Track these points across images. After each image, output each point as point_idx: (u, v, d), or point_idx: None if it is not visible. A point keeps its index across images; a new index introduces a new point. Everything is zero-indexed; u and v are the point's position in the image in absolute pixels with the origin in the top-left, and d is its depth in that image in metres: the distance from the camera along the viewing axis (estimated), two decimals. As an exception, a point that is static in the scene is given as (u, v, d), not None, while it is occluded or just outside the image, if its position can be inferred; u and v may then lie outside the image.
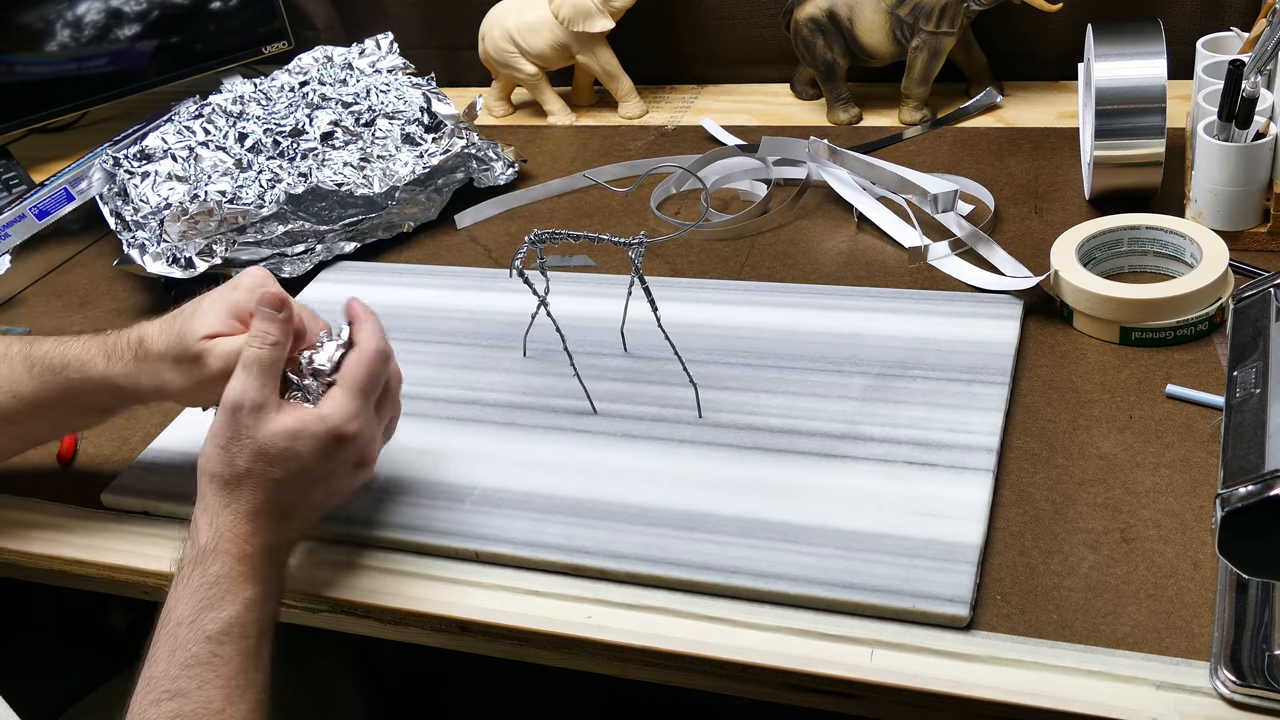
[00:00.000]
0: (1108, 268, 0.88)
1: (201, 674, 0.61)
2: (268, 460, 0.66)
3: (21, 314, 1.10)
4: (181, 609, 0.63)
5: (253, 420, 0.65)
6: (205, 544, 0.65)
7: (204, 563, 0.64)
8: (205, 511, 0.66)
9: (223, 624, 0.63)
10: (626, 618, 0.67)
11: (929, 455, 0.73)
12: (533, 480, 0.76)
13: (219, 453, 0.66)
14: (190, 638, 0.62)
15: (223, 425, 0.66)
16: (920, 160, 1.11)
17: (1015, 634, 0.62)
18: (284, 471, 0.66)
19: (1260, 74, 0.86)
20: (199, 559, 0.64)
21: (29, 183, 1.29)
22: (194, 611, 0.62)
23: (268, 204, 1.03)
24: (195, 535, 0.65)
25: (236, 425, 0.65)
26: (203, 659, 0.61)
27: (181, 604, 0.63)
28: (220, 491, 0.66)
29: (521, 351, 0.89)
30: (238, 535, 0.65)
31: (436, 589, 0.71)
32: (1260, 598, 0.61)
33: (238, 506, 0.66)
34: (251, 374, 0.66)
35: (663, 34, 1.35)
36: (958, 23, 1.12)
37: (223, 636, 0.62)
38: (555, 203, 1.15)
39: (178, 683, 0.60)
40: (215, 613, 0.63)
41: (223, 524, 0.65)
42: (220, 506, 0.66)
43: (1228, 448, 0.56)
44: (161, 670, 0.61)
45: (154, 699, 0.60)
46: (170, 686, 0.60)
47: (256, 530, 0.66)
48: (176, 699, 0.60)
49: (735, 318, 0.90)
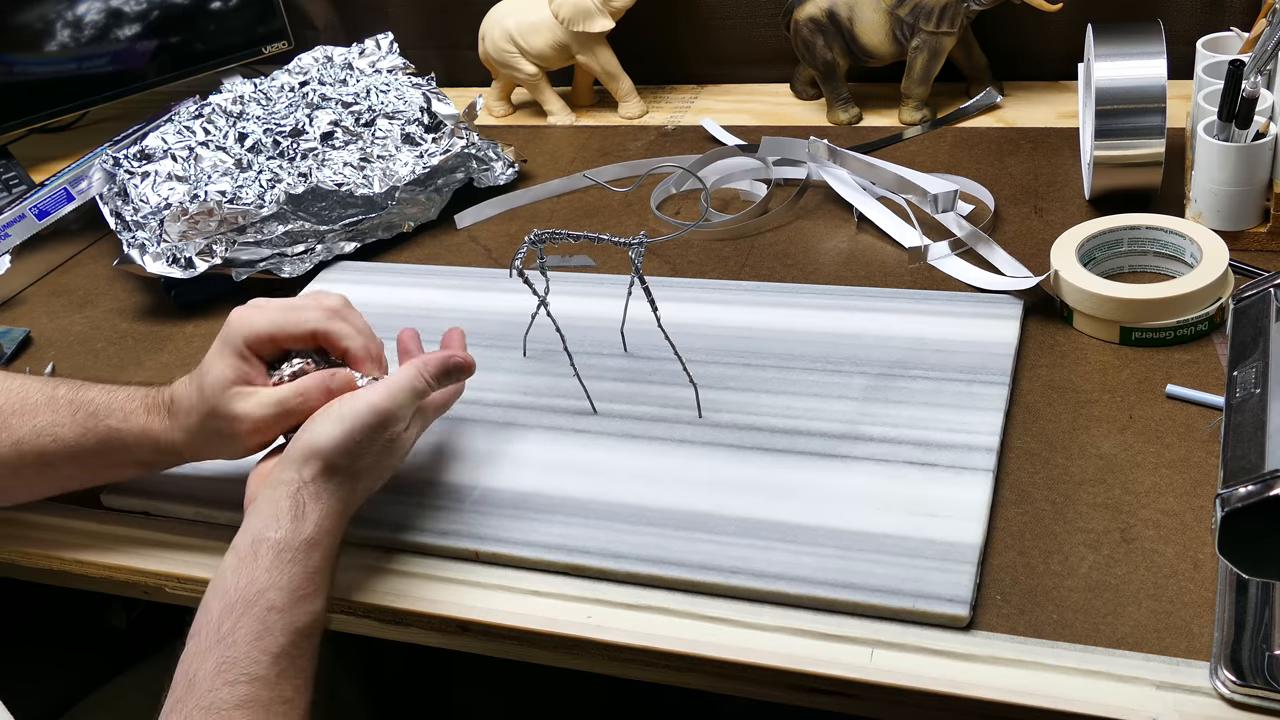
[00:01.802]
0: (1108, 268, 0.88)
1: (283, 665, 0.61)
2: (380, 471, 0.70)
3: (21, 314, 1.10)
4: (276, 595, 0.62)
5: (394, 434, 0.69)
6: (312, 534, 0.64)
7: (309, 552, 0.64)
8: (317, 498, 0.65)
9: (311, 619, 0.63)
10: (626, 618, 0.67)
11: (929, 455, 0.73)
12: (533, 480, 0.76)
13: (350, 443, 0.67)
14: (280, 627, 0.61)
15: (365, 421, 0.67)
16: (920, 160, 1.11)
17: (1015, 634, 0.62)
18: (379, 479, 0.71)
19: (1260, 74, 0.86)
20: (303, 548, 0.64)
21: (29, 183, 1.29)
22: (289, 601, 0.62)
23: (268, 204, 1.03)
24: (300, 519, 0.64)
25: (379, 431, 0.67)
26: (288, 651, 0.61)
27: (276, 589, 0.62)
28: (332, 481, 0.66)
29: (521, 351, 0.89)
30: (335, 529, 0.66)
31: (436, 589, 0.71)
32: (1260, 598, 0.61)
33: (341, 501, 0.67)
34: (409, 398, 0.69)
35: (663, 34, 1.35)
36: (958, 23, 1.12)
37: (308, 630, 0.63)
38: (555, 203, 1.15)
39: (259, 668, 0.60)
40: (308, 606, 0.63)
41: (326, 516, 0.65)
42: (330, 496, 0.66)
43: (1228, 448, 0.56)
44: (243, 653, 0.60)
45: (231, 679, 0.59)
46: (250, 670, 0.59)
47: (342, 527, 0.68)
48: (254, 684, 0.59)
49: (735, 318, 0.90)
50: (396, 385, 0.69)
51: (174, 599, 0.77)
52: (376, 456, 0.69)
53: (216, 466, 0.82)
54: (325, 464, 0.66)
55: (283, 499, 0.65)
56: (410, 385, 0.69)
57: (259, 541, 0.63)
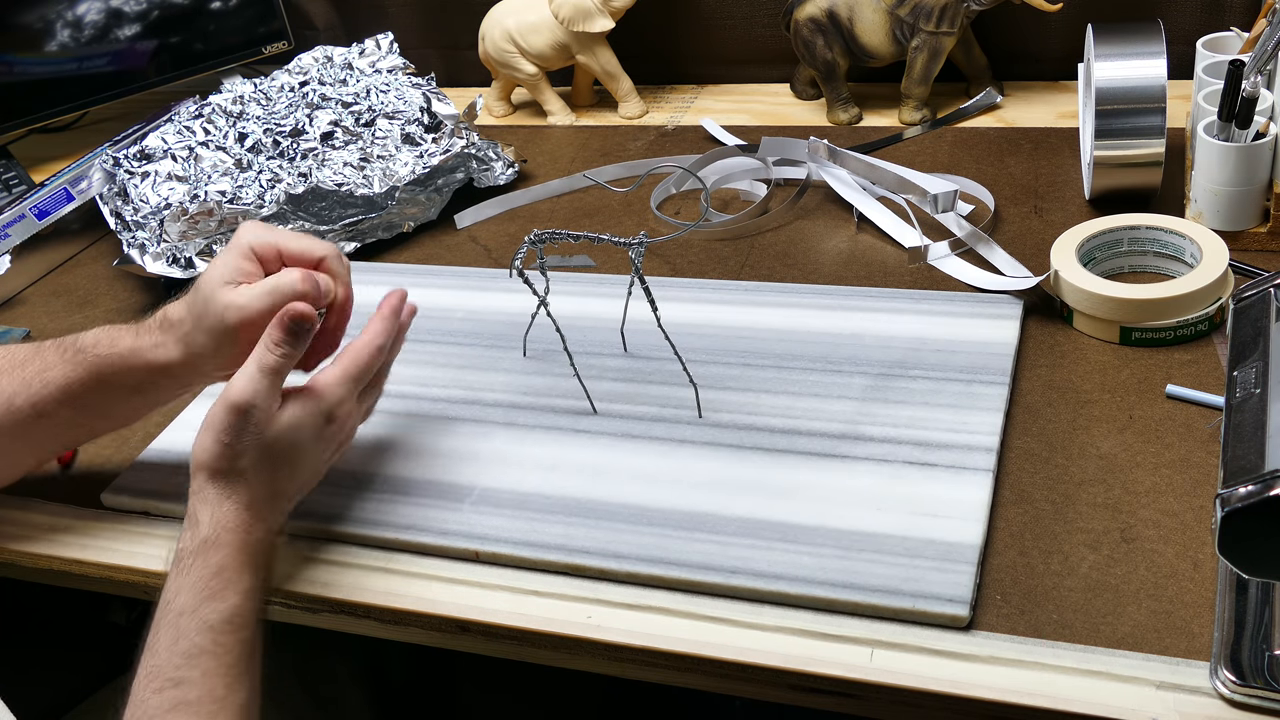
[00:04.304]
0: (1108, 268, 0.88)
1: (204, 663, 0.62)
2: (272, 457, 0.67)
3: (21, 314, 1.10)
4: (183, 599, 0.63)
5: (261, 422, 0.67)
6: (207, 535, 0.65)
7: (206, 553, 0.65)
8: (205, 503, 0.66)
9: (224, 614, 0.63)
10: (626, 618, 0.67)
11: (929, 455, 0.73)
12: (533, 480, 0.76)
13: (220, 448, 0.66)
14: (193, 627, 0.62)
15: (226, 422, 0.66)
16: (920, 160, 1.11)
17: (1015, 634, 0.62)
18: (284, 462, 0.68)
19: (1260, 74, 0.86)
20: (201, 549, 0.65)
21: (29, 183, 1.29)
22: (196, 601, 0.63)
23: (268, 204, 1.03)
24: (195, 526, 0.66)
25: (243, 425, 0.66)
26: (205, 648, 0.62)
27: (183, 594, 0.64)
28: (219, 484, 0.67)
29: (521, 351, 0.89)
30: (239, 526, 0.66)
31: (436, 589, 0.71)
32: (1260, 598, 0.61)
33: (238, 499, 0.67)
34: (264, 378, 0.67)
35: (663, 34, 1.35)
36: (958, 23, 1.12)
37: (225, 626, 0.63)
38: (555, 203, 1.15)
39: (180, 671, 0.61)
40: (217, 603, 0.64)
41: (223, 515, 0.66)
42: (219, 498, 0.66)
43: (1228, 448, 0.56)
44: (164, 659, 0.62)
45: (157, 687, 0.61)
46: (173, 675, 0.61)
47: (255, 520, 0.67)
48: (180, 687, 0.61)
49: (735, 318, 0.90)
50: (245, 370, 0.68)
51: (174, 599, 0.77)
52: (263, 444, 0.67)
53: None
54: (207, 471, 0.67)
55: (187, 512, 0.67)
56: (258, 363, 0.68)
57: (174, 555, 0.66)
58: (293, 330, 0.68)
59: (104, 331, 0.74)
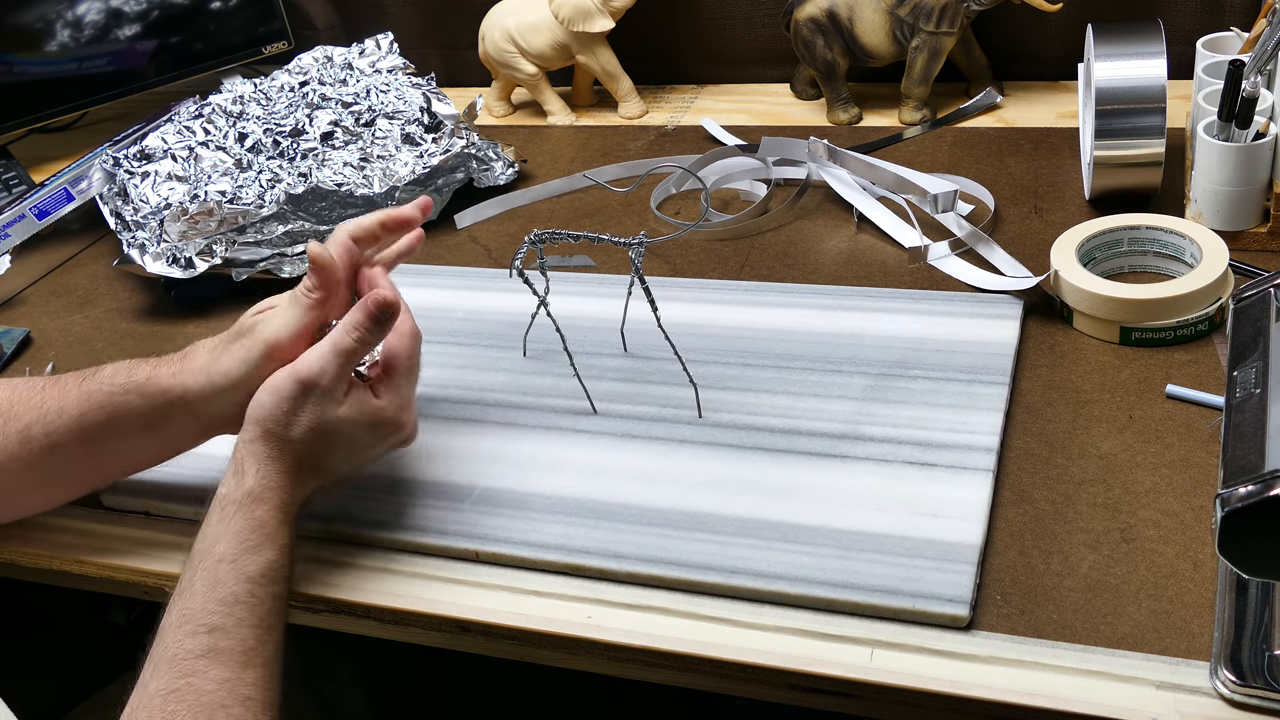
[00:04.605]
0: (1108, 268, 0.88)
1: (239, 612, 0.63)
2: (324, 436, 0.69)
3: (21, 314, 1.10)
4: (223, 547, 0.65)
5: (322, 402, 0.69)
6: (252, 487, 0.67)
7: (250, 505, 0.66)
8: (253, 457, 0.68)
9: (262, 566, 0.65)
10: (626, 618, 0.67)
11: (929, 455, 0.73)
12: (533, 480, 0.76)
13: (280, 414, 0.68)
14: (231, 576, 0.64)
15: (290, 391, 0.68)
16: (920, 160, 1.11)
17: (1015, 634, 0.62)
18: (334, 445, 0.70)
19: (1260, 74, 0.86)
20: (245, 500, 0.66)
21: (29, 183, 1.29)
22: (237, 551, 0.65)
23: (268, 204, 1.03)
24: (240, 476, 0.67)
25: (304, 399, 0.68)
26: (241, 598, 0.63)
27: (223, 542, 0.65)
28: (271, 444, 0.68)
29: (521, 351, 0.89)
30: (281, 485, 0.68)
31: (436, 589, 0.71)
32: (1260, 598, 0.61)
33: (284, 462, 0.68)
34: (336, 359, 0.69)
35: (663, 34, 1.35)
36: (958, 23, 1.12)
37: (261, 578, 0.65)
38: (555, 203, 1.15)
39: (215, 617, 0.62)
40: (256, 555, 0.65)
41: (269, 473, 0.68)
42: (268, 456, 0.68)
43: (1228, 448, 0.56)
44: (199, 604, 0.63)
45: (191, 630, 0.62)
46: (208, 620, 0.62)
47: (296, 484, 0.69)
48: (214, 634, 0.62)
49: (735, 318, 0.90)
50: (319, 348, 0.69)
51: (174, 599, 0.77)
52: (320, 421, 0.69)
53: (216, 466, 0.81)
54: (261, 429, 0.68)
55: (232, 460, 0.69)
56: (333, 343, 0.69)
57: (214, 500, 0.67)
58: (377, 318, 0.69)
59: (124, 363, 0.74)
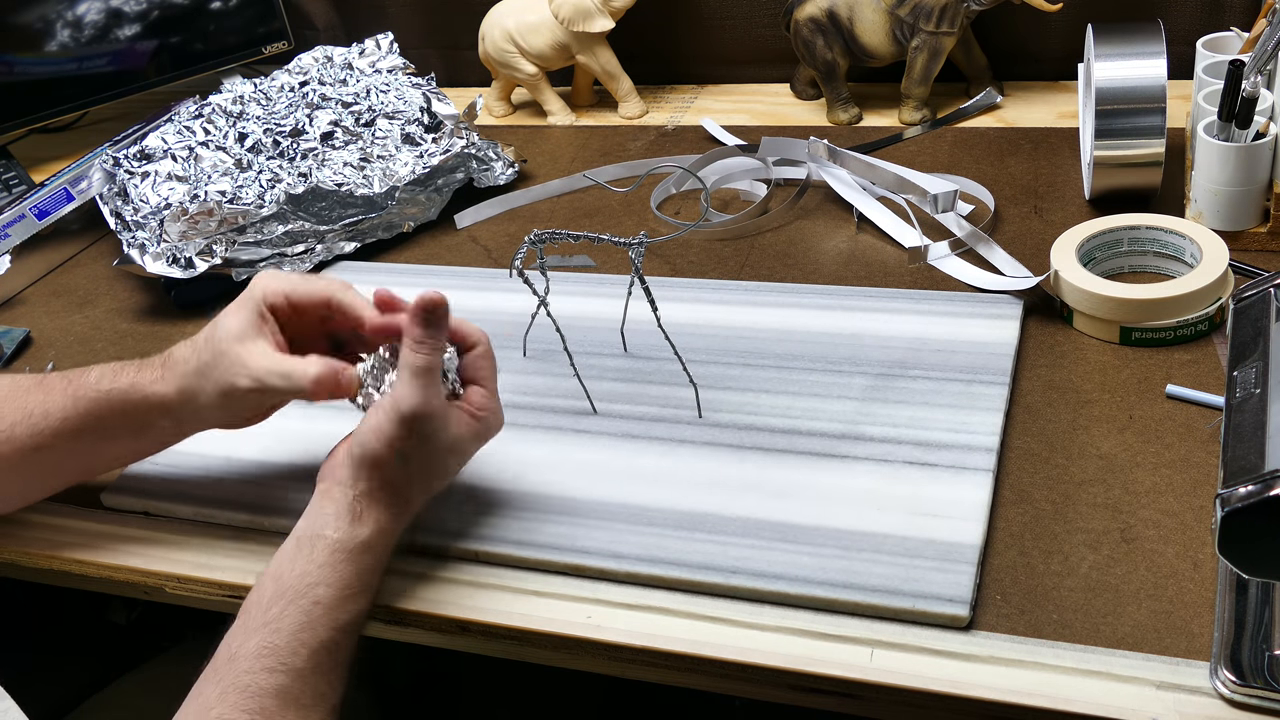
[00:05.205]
0: (1108, 268, 0.88)
1: (321, 659, 0.62)
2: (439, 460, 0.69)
3: (21, 314, 1.10)
4: (324, 591, 0.64)
5: (438, 426, 0.67)
6: (367, 538, 0.66)
7: (361, 554, 0.66)
8: (375, 504, 0.67)
9: (353, 615, 0.65)
10: (626, 618, 0.67)
11: (929, 455, 0.73)
12: (533, 480, 0.76)
13: (391, 453, 0.66)
14: (325, 622, 0.63)
15: (396, 430, 0.66)
16: (920, 160, 1.11)
17: (1015, 634, 0.62)
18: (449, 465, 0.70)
19: (1260, 74, 0.86)
20: (358, 549, 0.66)
21: (29, 183, 1.29)
22: (337, 598, 0.64)
23: (268, 204, 1.03)
24: (358, 523, 0.66)
25: (419, 432, 0.67)
26: (328, 646, 0.63)
27: (324, 586, 0.64)
28: (389, 492, 0.67)
29: (521, 351, 0.89)
30: (393, 531, 0.68)
31: (436, 589, 0.71)
32: (1260, 598, 0.61)
33: (400, 509, 0.68)
34: (420, 380, 0.67)
35: (663, 34, 1.35)
36: (958, 23, 1.12)
37: (349, 626, 0.64)
38: (555, 203, 1.15)
39: (297, 659, 0.61)
40: (353, 604, 0.65)
41: (385, 521, 0.67)
42: (388, 503, 0.67)
43: (1228, 448, 0.56)
44: (285, 643, 0.61)
45: (270, 666, 0.61)
46: (289, 661, 0.61)
47: (405, 523, 0.69)
48: (291, 675, 0.61)
49: (735, 318, 0.90)
50: (402, 379, 0.67)
51: (174, 599, 0.77)
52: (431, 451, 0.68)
53: (216, 466, 0.82)
54: (381, 477, 0.67)
55: (342, 500, 0.66)
56: (411, 369, 0.67)
57: (317, 537, 0.65)
58: (428, 321, 0.68)
59: (108, 366, 0.74)
